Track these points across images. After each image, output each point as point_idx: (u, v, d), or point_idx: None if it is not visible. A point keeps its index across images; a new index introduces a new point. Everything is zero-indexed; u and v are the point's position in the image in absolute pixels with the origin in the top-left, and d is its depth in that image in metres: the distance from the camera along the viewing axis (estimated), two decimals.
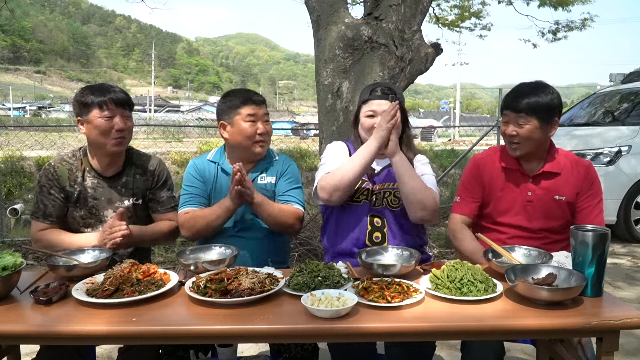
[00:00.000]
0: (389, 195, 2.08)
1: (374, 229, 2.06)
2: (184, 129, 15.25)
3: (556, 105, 1.94)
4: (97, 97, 1.97)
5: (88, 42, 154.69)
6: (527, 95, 1.92)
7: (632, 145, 5.53)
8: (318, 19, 3.27)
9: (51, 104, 47.69)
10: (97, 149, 2.04)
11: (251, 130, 2.06)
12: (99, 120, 1.97)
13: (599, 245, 1.47)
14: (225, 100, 2.13)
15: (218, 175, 2.15)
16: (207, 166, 2.17)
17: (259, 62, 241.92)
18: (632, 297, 3.86)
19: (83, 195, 2.05)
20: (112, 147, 2.00)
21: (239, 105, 2.07)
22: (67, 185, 2.04)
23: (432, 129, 23.53)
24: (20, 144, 8.17)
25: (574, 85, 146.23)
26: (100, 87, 2.03)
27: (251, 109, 2.06)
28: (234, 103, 2.08)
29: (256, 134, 2.07)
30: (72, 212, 2.06)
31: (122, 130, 1.99)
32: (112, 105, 1.97)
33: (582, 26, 8.93)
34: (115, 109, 1.98)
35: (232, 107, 2.08)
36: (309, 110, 68.01)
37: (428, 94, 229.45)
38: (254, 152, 2.10)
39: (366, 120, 2.07)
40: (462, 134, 26.81)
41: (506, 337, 1.79)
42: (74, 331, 1.34)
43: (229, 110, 2.09)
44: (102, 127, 1.97)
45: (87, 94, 1.99)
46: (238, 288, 1.47)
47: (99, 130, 1.97)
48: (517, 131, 1.94)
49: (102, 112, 1.96)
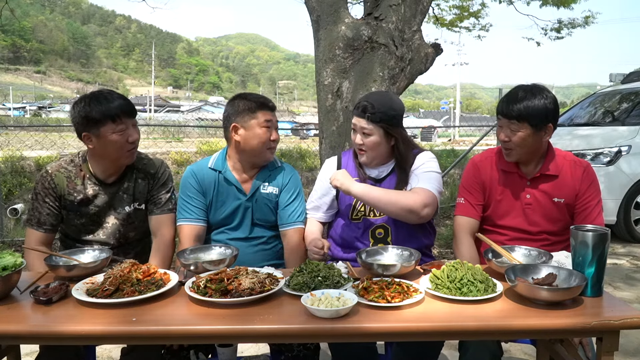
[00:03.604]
0: None
1: (377, 240, 2.05)
2: (184, 129, 15.27)
3: (550, 110, 1.89)
4: (106, 109, 1.87)
5: (88, 42, 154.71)
6: (520, 100, 1.88)
7: (632, 145, 5.53)
8: (318, 19, 3.27)
9: (51, 104, 47.72)
10: (103, 160, 1.98)
11: (266, 136, 2.03)
12: (113, 136, 1.88)
13: (599, 245, 1.47)
14: (239, 103, 2.06)
15: (219, 183, 2.10)
16: (207, 175, 2.11)
17: (259, 62, 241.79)
18: (632, 297, 3.86)
19: (84, 203, 1.99)
20: (125, 159, 1.97)
21: (255, 110, 2.03)
22: (66, 193, 1.98)
23: (432, 129, 23.55)
24: (21, 144, 8.18)
25: (574, 85, 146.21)
26: (103, 99, 1.90)
27: (268, 115, 2.05)
28: (251, 106, 2.03)
29: (270, 140, 2.06)
30: (73, 220, 2.01)
31: (137, 140, 1.96)
32: (125, 117, 1.91)
33: (585, 23, 8.93)
34: (127, 120, 1.92)
35: (249, 110, 2.03)
36: (309, 110, 68.02)
37: (428, 94, 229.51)
38: (265, 157, 2.09)
39: (352, 133, 2.09)
40: (462, 134, 26.81)
41: (506, 337, 1.79)
42: (74, 331, 1.34)
43: (244, 113, 2.03)
44: (118, 143, 1.90)
45: (92, 106, 1.87)
46: (238, 288, 1.47)
47: (114, 147, 1.90)
48: (510, 137, 1.92)
49: (116, 127, 1.88)
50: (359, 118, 2.01)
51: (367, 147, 2.02)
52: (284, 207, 2.13)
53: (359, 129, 2.02)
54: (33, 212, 2.00)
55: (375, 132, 1.99)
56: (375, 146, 2.02)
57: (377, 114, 1.98)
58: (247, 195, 2.09)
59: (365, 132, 2.00)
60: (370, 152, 2.03)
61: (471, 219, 2.06)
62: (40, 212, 1.99)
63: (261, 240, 2.13)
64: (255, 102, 2.05)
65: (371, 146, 2.02)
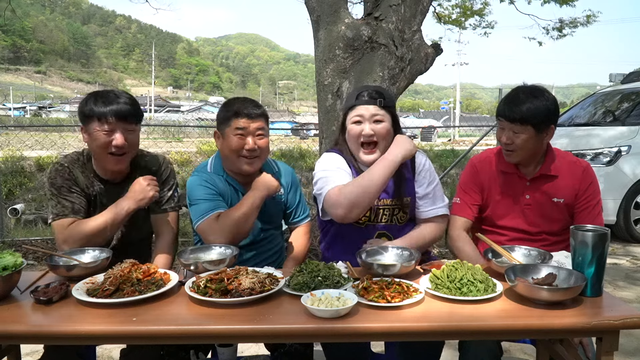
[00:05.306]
0: (398, 212, 2.00)
1: None
2: (184, 129, 15.29)
3: (552, 111, 1.90)
4: (99, 108, 1.85)
5: (88, 42, 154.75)
6: (523, 102, 1.88)
7: (632, 145, 5.53)
8: (318, 19, 3.27)
9: (51, 104, 47.77)
10: (99, 162, 1.96)
11: (237, 145, 1.94)
12: (96, 134, 1.85)
13: (599, 245, 1.47)
14: (222, 109, 2.03)
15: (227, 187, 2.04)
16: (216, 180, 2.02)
17: (259, 62, 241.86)
18: (632, 297, 3.86)
19: (94, 200, 1.97)
20: (111, 164, 1.91)
21: (230, 117, 1.96)
22: (85, 187, 1.95)
23: (432, 129, 23.52)
24: (21, 144, 8.18)
25: (574, 85, 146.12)
26: (106, 97, 1.88)
27: (242, 122, 1.94)
28: (228, 114, 1.97)
29: (243, 149, 1.94)
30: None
31: (121, 147, 1.86)
32: (113, 119, 1.84)
33: (587, 22, 8.94)
34: (116, 123, 1.85)
35: (226, 118, 1.98)
36: (309, 110, 68.02)
37: (428, 94, 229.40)
38: (240, 167, 1.98)
39: (353, 127, 1.93)
40: (462, 134, 26.80)
41: (506, 337, 1.79)
42: (74, 331, 1.34)
43: (223, 121, 1.99)
44: (100, 142, 1.85)
45: (90, 102, 1.87)
46: (238, 288, 1.47)
47: (97, 145, 1.86)
48: (512, 139, 1.91)
49: (101, 126, 1.84)
50: (367, 106, 1.90)
51: (380, 136, 1.90)
52: (295, 206, 2.17)
53: (369, 117, 1.90)
54: (62, 205, 1.89)
55: (386, 119, 1.92)
56: (387, 134, 1.92)
57: (386, 99, 1.91)
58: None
59: (377, 118, 1.90)
60: (383, 141, 1.92)
61: (465, 219, 2.07)
62: (71, 201, 1.90)
63: (265, 240, 2.12)
64: (231, 110, 1.97)
65: (384, 134, 1.91)
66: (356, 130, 1.92)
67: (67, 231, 1.86)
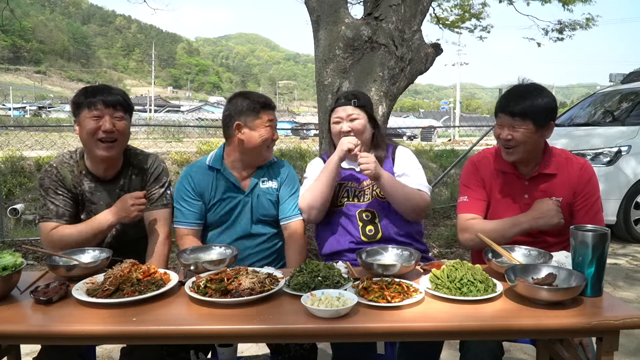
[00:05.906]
0: (377, 187, 2.12)
1: (366, 223, 2.10)
2: (184, 129, 15.27)
3: (552, 108, 1.91)
4: (88, 97, 1.91)
5: (88, 42, 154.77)
6: (523, 98, 1.88)
7: (632, 145, 5.53)
8: (318, 19, 3.27)
9: (51, 104, 47.68)
10: (90, 153, 1.98)
11: (269, 136, 2.08)
12: (86, 121, 1.90)
13: (599, 245, 1.47)
14: (242, 102, 2.07)
15: (217, 182, 2.11)
16: (204, 175, 2.12)
17: (259, 62, 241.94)
18: (632, 297, 3.86)
19: (82, 200, 2.00)
20: (100, 150, 1.92)
21: (260, 110, 2.05)
22: (72, 187, 1.99)
23: (432, 129, 23.53)
24: (21, 144, 8.17)
25: (574, 85, 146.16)
26: (95, 88, 1.96)
27: (271, 115, 2.10)
28: (255, 107, 2.05)
29: (271, 140, 2.11)
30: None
31: (110, 132, 1.90)
32: (101, 106, 1.90)
33: (586, 25, 8.92)
34: (104, 110, 1.90)
35: (253, 110, 2.05)
36: (309, 110, 67.99)
37: (428, 94, 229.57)
38: (266, 156, 2.13)
39: (334, 127, 2.18)
40: (462, 134, 26.82)
41: (506, 337, 1.79)
42: (74, 331, 1.34)
43: (248, 113, 2.05)
44: (88, 127, 1.89)
45: (81, 94, 1.95)
46: (238, 288, 1.47)
47: (85, 132, 1.90)
48: (512, 135, 1.90)
49: (90, 113, 1.90)
50: (344, 107, 2.16)
51: (356, 130, 2.13)
52: (285, 201, 2.16)
53: (346, 117, 2.14)
54: (48, 207, 1.95)
55: (361, 116, 2.14)
56: (363, 129, 2.14)
57: (360, 99, 2.17)
58: (246, 191, 2.11)
59: (352, 117, 2.14)
60: (359, 135, 2.13)
61: (476, 216, 2.03)
62: (56, 204, 1.95)
63: (261, 238, 2.13)
64: (259, 102, 2.07)
65: (360, 129, 2.13)
66: (336, 129, 2.17)
67: (49, 236, 1.93)
